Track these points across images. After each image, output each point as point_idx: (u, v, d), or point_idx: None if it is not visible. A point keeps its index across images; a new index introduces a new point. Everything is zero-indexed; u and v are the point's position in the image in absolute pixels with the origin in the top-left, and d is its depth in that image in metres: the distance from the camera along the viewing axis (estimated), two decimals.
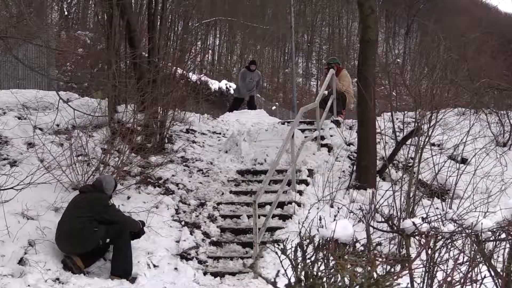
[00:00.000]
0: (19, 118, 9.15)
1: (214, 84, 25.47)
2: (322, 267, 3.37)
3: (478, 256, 3.47)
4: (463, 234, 3.59)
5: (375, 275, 2.68)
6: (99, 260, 6.87)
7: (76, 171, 7.85)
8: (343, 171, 9.37)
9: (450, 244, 3.62)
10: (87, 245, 6.55)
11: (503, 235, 3.51)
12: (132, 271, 6.62)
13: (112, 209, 6.84)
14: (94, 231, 6.53)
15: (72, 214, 6.61)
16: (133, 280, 6.52)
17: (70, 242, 6.53)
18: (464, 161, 9.50)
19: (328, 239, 3.48)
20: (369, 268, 2.79)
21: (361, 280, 2.20)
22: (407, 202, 7.62)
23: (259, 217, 7.29)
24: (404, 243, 3.87)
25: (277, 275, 2.30)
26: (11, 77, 13.59)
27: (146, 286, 6.37)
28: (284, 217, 7.99)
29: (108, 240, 6.62)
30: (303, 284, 2.09)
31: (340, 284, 2.41)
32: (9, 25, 9.66)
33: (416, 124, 9.17)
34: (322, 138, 10.33)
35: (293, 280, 2.23)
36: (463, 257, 3.47)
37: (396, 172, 9.37)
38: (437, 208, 7.81)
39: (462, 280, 3.31)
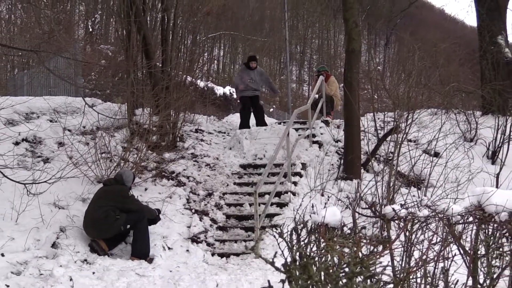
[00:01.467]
0: (50, 121, 9.15)
1: (219, 90, 25.42)
2: (314, 248, 3.37)
3: (449, 237, 3.46)
4: (436, 218, 3.58)
5: (360, 255, 2.68)
6: (121, 244, 6.88)
7: (100, 167, 7.85)
8: (332, 164, 9.37)
9: (425, 227, 3.61)
10: (110, 231, 6.55)
11: (471, 219, 3.50)
12: (149, 253, 6.63)
13: (131, 199, 6.84)
14: (116, 219, 6.53)
15: (97, 204, 6.61)
16: (150, 260, 6.52)
17: (96, 228, 6.53)
18: (436, 154, 9.50)
19: (319, 223, 3.48)
20: (355, 248, 2.79)
21: (348, 259, 2.20)
22: (388, 190, 7.62)
23: (259, 205, 7.28)
24: (385, 226, 3.86)
25: (275, 256, 2.29)
26: (43, 86, 13.59)
27: (162, 266, 6.37)
28: (281, 205, 7.99)
29: (128, 226, 6.62)
30: (297, 264, 2.08)
31: (330, 263, 2.41)
32: (42, 41, 9.67)
33: (395, 123, 9.16)
34: (314, 135, 10.32)
35: (289, 260, 2.22)
36: (436, 238, 3.46)
37: (378, 164, 9.36)
38: (413, 195, 7.81)
39: (435, 258, 3.31)
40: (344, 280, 2.12)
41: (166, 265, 6.42)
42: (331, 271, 2.22)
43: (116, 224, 6.53)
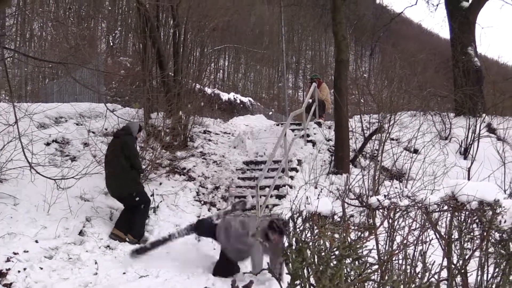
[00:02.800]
0: (77, 124, 9.16)
1: (225, 96, 25.35)
2: (309, 234, 3.37)
3: (427, 224, 3.46)
4: (416, 207, 3.58)
5: (348, 240, 2.68)
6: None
7: None
8: (324, 160, 9.37)
9: (405, 215, 3.61)
10: (126, 186, 6.44)
11: (446, 207, 3.50)
12: (144, 235, 6.55)
13: (134, 148, 6.66)
14: (132, 176, 6.44)
15: (111, 158, 6.56)
16: (144, 242, 6.40)
17: (115, 181, 6.46)
18: (416, 151, 9.50)
19: (313, 212, 3.48)
20: (344, 234, 2.79)
21: (338, 244, 2.20)
22: (373, 183, 7.62)
23: (260, 197, 7.29)
24: (371, 215, 3.86)
25: None
26: (70, 93, 13.57)
27: (175, 251, 6.36)
28: (280, 197, 7.99)
29: (138, 198, 6.48)
30: (293, 248, 2.09)
31: (322, 247, 2.41)
32: (69, 54, 9.66)
33: (379, 124, 9.16)
34: (308, 135, 10.33)
35: (286, 244, 2.22)
36: (416, 225, 3.46)
37: (365, 160, 9.37)
38: (395, 187, 7.81)
39: (415, 242, 3.31)
40: (334, 262, 2.12)
41: (179, 250, 6.42)
42: (322, 254, 2.23)
43: (132, 183, 6.42)
